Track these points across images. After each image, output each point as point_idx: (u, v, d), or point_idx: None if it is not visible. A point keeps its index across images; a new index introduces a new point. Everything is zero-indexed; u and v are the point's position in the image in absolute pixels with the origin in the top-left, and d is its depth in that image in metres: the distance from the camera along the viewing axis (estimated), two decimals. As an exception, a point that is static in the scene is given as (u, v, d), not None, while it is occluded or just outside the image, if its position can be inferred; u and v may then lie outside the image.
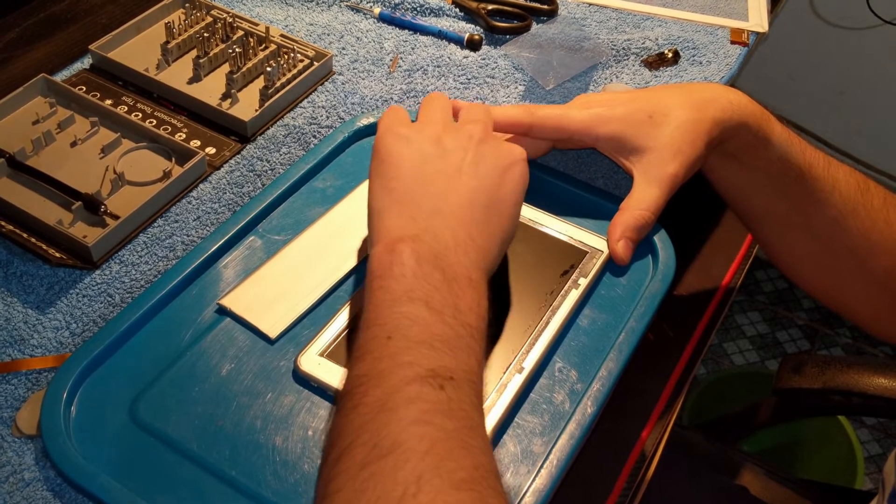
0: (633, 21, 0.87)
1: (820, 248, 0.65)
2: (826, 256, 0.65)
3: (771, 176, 0.62)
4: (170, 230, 0.65)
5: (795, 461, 1.43)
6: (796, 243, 0.65)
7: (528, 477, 0.50)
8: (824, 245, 0.64)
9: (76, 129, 0.71)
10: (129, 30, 0.79)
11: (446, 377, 0.43)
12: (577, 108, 0.62)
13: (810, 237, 0.64)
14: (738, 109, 0.60)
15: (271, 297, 0.58)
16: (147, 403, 0.53)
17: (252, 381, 0.54)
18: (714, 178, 0.65)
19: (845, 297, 0.67)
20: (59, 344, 0.58)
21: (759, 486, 0.94)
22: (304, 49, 0.78)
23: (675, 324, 0.68)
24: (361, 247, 0.61)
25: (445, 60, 0.81)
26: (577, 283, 0.59)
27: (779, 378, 0.94)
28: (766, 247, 0.68)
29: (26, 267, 0.62)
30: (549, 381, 0.55)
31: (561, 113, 0.61)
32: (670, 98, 0.61)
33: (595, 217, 0.64)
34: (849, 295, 0.67)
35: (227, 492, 0.49)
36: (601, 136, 0.61)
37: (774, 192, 0.63)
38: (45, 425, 0.51)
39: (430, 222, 0.50)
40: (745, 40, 0.85)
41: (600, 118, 0.61)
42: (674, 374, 0.66)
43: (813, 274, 0.67)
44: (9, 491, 0.51)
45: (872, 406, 0.92)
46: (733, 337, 1.77)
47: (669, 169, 0.59)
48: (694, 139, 0.59)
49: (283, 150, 0.71)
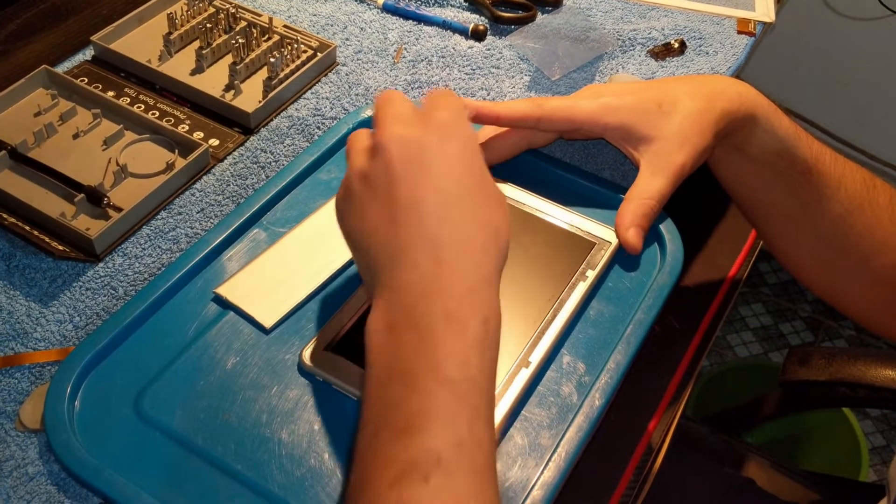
0: (639, 11, 0.86)
1: (825, 244, 0.64)
2: (830, 253, 0.64)
3: (777, 170, 0.61)
4: (173, 222, 0.64)
5: (800, 453, 1.43)
6: (801, 239, 0.65)
7: (537, 470, 0.50)
8: (829, 242, 0.63)
9: (78, 121, 0.70)
10: (130, 21, 0.78)
11: (432, 461, 0.38)
12: (585, 98, 0.61)
13: (815, 233, 0.63)
14: (745, 101, 0.59)
15: (268, 286, 0.57)
16: (151, 397, 0.52)
17: (257, 374, 0.53)
18: (719, 172, 0.64)
19: (848, 293, 0.67)
20: (62, 337, 0.57)
21: (765, 477, 0.94)
22: (307, 40, 0.78)
23: (682, 315, 0.68)
24: None
25: (450, 51, 0.80)
26: (585, 275, 0.58)
27: (785, 370, 0.93)
28: (770, 242, 0.67)
29: (29, 260, 0.61)
30: (557, 374, 0.54)
31: (569, 104, 0.61)
32: (679, 88, 0.61)
33: (602, 208, 0.64)
34: (852, 292, 0.66)
35: (232, 486, 0.49)
36: (609, 125, 0.60)
37: (780, 187, 0.62)
38: (48, 419, 0.51)
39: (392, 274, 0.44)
40: (752, 30, 0.85)
41: (608, 107, 0.60)
42: (680, 367, 0.65)
43: (816, 270, 0.66)
44: (13, 485, 0.50)
45: (879, 398, 0.91)
46: (737, 329, 1.76)
47: (677, 158, 0.59)
48: (702, 129, 0.58)
49: (286, 142, 0.71)
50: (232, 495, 0.48)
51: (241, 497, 0.48)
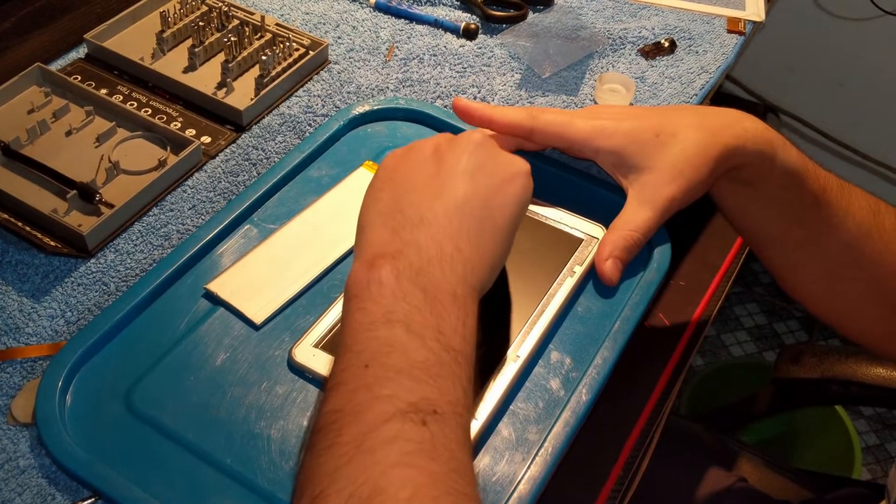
0: (630, 10, 0.87)
1: (832, 272, 0.62)
2: (838, 281, 0.63)
3: (785, 203, 0.60)
4: (165, 219, 0.65)
5: (793, 451, 1.43)
6: (808, 268, 0.63)
7: (523, 465, 0.50)
8: (837, 270, 0.62)
9: (71, 119, 0.70)
10: (124, 19, 0.78)
11: (429, 411, 0.40)
12: (581, 117, 0.59)
13: (823, 262, 0.62)
14: (752, 137, 0.57)
15: (258, 283, 0.58)
16: (142, 392, 0.52)
17: (247, 370, 0.54)
18: (724, 204, 0.62)
19: (857, 319, 0.65)
20: (54, 332, 0.58)
21: (758, 475, 0.94)
22: (299, 38, 0.78)
23: (672, 312, 0.68)
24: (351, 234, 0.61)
25: (442, 49, 0.80)
26: (573, 270, 0.59)
27: (777, 368, 0.94)
28: (777, 272, 0.65)
29: (21, 255, 0.62)
30: (545, 369, 0.55)
31: (564, 120, 0.59)
32: (682, 118, 0.58)
33: (590, 204, 0.64)
34: (861, 318, 0.65)
35: (222, 480, 0.49)
36: (602, 148, 0.58)
37: (788, 219, 0.61)
38: (40, 413, 0.51)
39: (415, 234, 0.46)
40: (742, 29, 0.85)
41: (604, 131, 0.58)
42: (670, 363, 0.66)
43: (824, 298, 0.65)
44: (4, 478, 0.50)
45: (870, 395, 0.92)
46: (731, 328, 1.77)
47: (666, 191, 0.57)
48: (698, 163, 0.56)
49: (278, 139, 0.71)
50: (221, 489, 0.49)
51: (231, 491, 0.49)
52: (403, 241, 0.46)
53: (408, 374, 0.41)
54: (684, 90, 0.78)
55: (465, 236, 0.47)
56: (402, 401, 0.40)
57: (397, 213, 0.48)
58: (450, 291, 0.45)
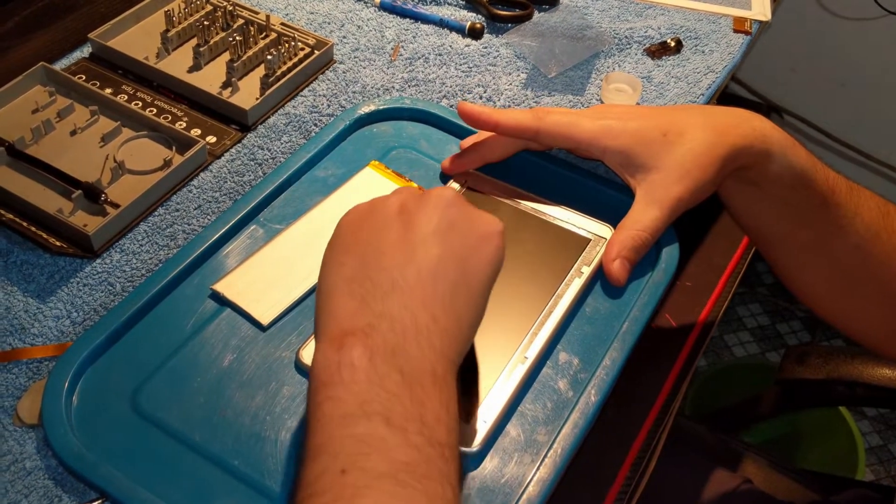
0: (636, 10, 0.87)
1: (841, 274, 0.62)
2: (847, 282, 0.62)
3: (793, 204, 0.59)
4: (170, 219, 0.65)
5: (797, 452, 1.43)
6: (816, 270, 0.63)
7: (532, 466, 0.50)
8: (846, 272, 0.62)
9: (76, 118, 0.70)
10: (128, 18, 0.78)
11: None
12: (588, 117, 0.59)
13: (831, 264, 0.62)
14: (760, 137, 0.57)
15: (265, 283, 0.58)
16: (149, 393, 0.52)
17: (254, 371, 0.53)
18: (733, 205, 0.62)
19: (863, 321, 0.65)
20: (59, 333, 0.57)
21: (762, 476, 0.94)
22: (304, 37, 0.78)
23: (678, 313, 0.68)
24: None
25: (447, 49, 0.80)
26: (581, 271, 0.58)
27: (782, 368, 0.94)
28: (784, 273, 0.65)
29: (26, 256, 0.61)
30: (553, 371, 0.55)
31: (570, 121, 0.59)
32: (690, 118, 0.58)
33: (597, 204, 0.64)
34: (868, 319, 0.65)
35: (229, 482, 0.49)
36: (609, 148, 0.58)
37: (796, 220, 0.60)
38: (46, 415, 0.51)
39: (386, 303, 0.42)
40: (748, 29, 0.85)
41: (610, 130, 0.58)
42: (677, 364, 0.65)
43: (832, 299, 0.65)
44: (10, 480, 0.50)
45: (876, 396, 0.91)
46: (734, 329, 1.77)
47: (674, 191, 0.57)
48: (705, 163, 0.56)
49: (283, 139, 0.71)
50: (229, 491, 0.48)
51: (238, 493, 0.48)
52: (374, 313, 0.42)
53: (392, 478, 0.37)
54: (691, 90, 0.78)
55: (440, 303, 0.43)
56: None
57: (365, 279, 0.43)
58: (429, 371, 0.41)
